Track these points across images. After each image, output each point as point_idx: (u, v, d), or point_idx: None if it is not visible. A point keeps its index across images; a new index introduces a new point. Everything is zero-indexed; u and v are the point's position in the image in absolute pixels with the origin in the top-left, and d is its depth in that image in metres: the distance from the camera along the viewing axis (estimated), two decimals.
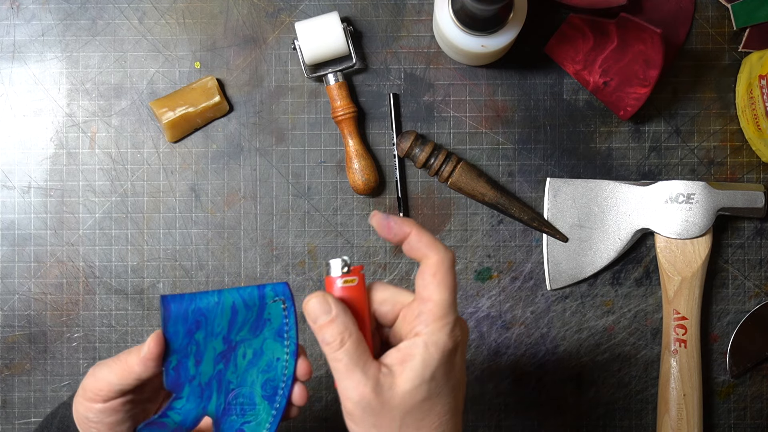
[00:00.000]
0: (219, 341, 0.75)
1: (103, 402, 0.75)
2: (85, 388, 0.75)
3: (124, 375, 0.74)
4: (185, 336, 0.75)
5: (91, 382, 0.75)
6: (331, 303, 0.69)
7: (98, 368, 0.75)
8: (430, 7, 1.03)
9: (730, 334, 1.03)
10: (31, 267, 1.03)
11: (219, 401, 0.76)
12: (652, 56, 0.96)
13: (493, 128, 1.03)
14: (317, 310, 0.69)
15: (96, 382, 0.74)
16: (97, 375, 0.75)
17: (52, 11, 1.03)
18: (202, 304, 0.75)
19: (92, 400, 0.74)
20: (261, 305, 0.75)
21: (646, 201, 1.00)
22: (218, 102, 1.01)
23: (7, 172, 1.03)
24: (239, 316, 0.75)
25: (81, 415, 0.75)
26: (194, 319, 0.75)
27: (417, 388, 0.67)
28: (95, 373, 0.75)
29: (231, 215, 1.03)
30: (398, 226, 0.70)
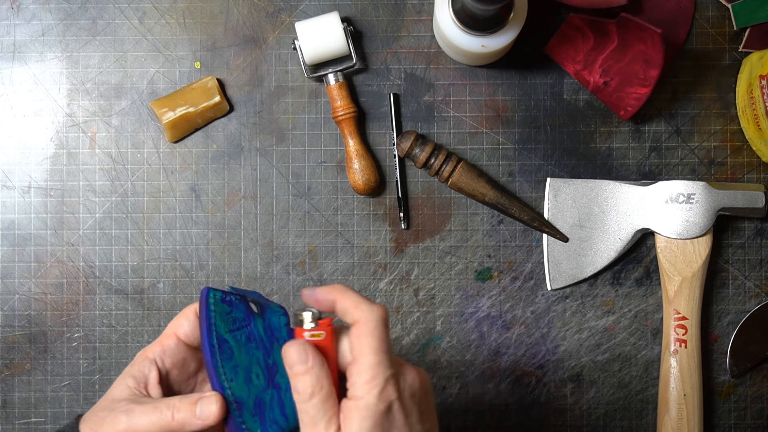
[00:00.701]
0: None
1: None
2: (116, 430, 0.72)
3: (169, 430, 0.72)
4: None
5: (125, 428, 0.72)
6: (309, 354, 0.71)
7: (135, 416, 0.73)
8: (430, 7, 1.03)
9: (730, 334, 1.03)
10: (31, 267, 1.03)
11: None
12: (653, 56, 0.96)
13: (493, 128, 1.03)
14: (294, 358, 0.71)
15: (132, 429, 0.72)
16: (134, 423, 0.72)
17: (52, 11, 1.03)
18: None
19: None
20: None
21: (646, 201, 1.00)
22: (218, 102, 1.01)
23: (7, 172, 1.03)
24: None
25: None
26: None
27: None
28: (131, 420, 0.72)
29: (231, 215, 1.03)
30: (324, 295, 0.72)
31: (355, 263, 1.03)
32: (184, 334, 0.77)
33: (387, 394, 0.70)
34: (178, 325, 0.77)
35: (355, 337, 0.71)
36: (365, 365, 0.70)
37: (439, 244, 1.03)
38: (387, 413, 0.70)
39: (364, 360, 0.70)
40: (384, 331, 0.71)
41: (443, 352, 1.03)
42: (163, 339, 0.77)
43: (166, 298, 1.03)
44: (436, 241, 1.03)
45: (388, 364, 0.70)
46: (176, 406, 0.73)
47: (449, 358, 1.03)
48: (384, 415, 0.70)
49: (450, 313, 1.03)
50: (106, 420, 0.73)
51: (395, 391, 0.70)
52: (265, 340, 0.76)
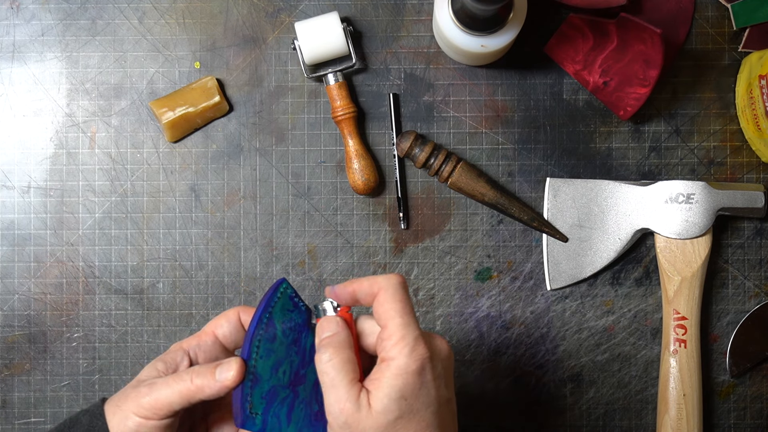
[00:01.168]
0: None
1: (159, 420, 0.74)
2: (140, 404, 0.74)
3: (189, 396, 0.73)
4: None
5: (149, 401, 0.73)
6: (338, 324, 0.74)
7: (156, 387, 0.74)
8: (430, 7, 1.03)
9: (730, 334, 1.03)
10: (31, 267, 1.03)
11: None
12: (652, 56, 0.96)
13: (493, 128, 1.03)
14: (326, 327, 0.74)
15: (155, 402, 0.73)
16: (155, 394, 0.73)
17: (52, 11, 1.03)
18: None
19: (148, 418, 0.73)
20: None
21: (646, 201, 1.00)
22: (218, 102, 1.01)
23: (7, 172, 1.03)
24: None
25: (129, 428, 0.74)
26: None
27: (387, 407, 0.70)
28: (153, 392, 0.74)
29: (231, 215, 1.03)
30: (342, 288, 0.75)
31: (355, 263, 1.03)
32: (222, 335, 0.78)
33: (419, 352, 0.71)
34: (218, 324, 0.78)
35: (379, 305, 0.72)
36: (393, 328, 0.71)
37: (438, 244, 1.03)
38: (420, 373, 0.71)
39: (392, 323, 0.71)
40: (405, 294, 0.73)
41: None
42: (202, 335, 0.78)
43: (166, 298, 1.03)
44: (435, 241, 1.03)
45: (416, 326, 0.71)
46: (196, 371, 0.74)
47: None
48: (417, 375, 0.71)
49: (450, 313, 1.03)
50: (130, 396, 0.75)
51: (426, 350, 0.71)
52: (307, 354, 0.77)
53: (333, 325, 0.74)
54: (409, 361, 0.70)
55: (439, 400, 0.72)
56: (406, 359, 0.70)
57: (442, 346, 0.73)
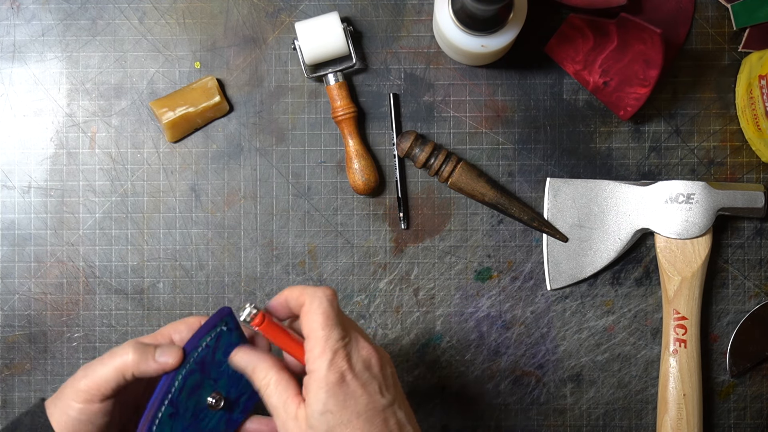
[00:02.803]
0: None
1: (99, 402, 0.75)
2: (78, 389, 0.75)
3: (124, 369, 0.75)
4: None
5: (86, 383, 0.75)
6: (250, 353, 0.78)
7: (92, 368, 0.76)
8: (430, 7, 1.03)
9: (730, 334, 1.03)
10: (31, 267, 1.03)
11: None
12: (652, 56, 0.96)
13: (493, 128, 1.03)
14: (242, 363, 0.78)
15: (92, 382, 0.75)
16: (91, 375, 0.75)
17: (52, 11, 1.03)
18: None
19: (88, 401, 0.75)
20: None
21: (646, 201, 1.00)
22: (218, 102, 1.01)
23: (7, 172, 1.03)
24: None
25: (71, 418, 0.75)
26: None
27: (317, 420, 0.73)
28: (88, 374, 0.75)
29: (231, 215, 1.03)
30: (276, 300, 0.78)
31: (355, 263, 1.03)
32: (180, 340, 0.79)
33: (337, 364, 0.73)
34: (177, 329, 0.80)
35: (304, 315, 0.75)
36: (314, 340, 0.74)
37: (438, 244, 1.03)
38: (340, 383, 0.73)
39: (313, 335, 0.74)
40: (329, 307, 0.75)
41: (443, 352, 1.03)
42: (158, 335, 0.79)
43: (166, 298, 1.03)
44: (435, 241, 1.03)
45: (336, 338, 0.74)
46: (134, 346, 0.76)
47: (449, 358, 1.03)
48: (337, 385, 0.73)
49: (450, 313, 1.03)
50: (67, 386, 0.76)
51: (345, 362, 0.73)
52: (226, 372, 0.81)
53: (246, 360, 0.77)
54: (329, 373, 0.73)
55: (372, 406, 0.74)
56: (325, 371, 0.73)
57: (367, 354, 0.75)
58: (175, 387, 0.78)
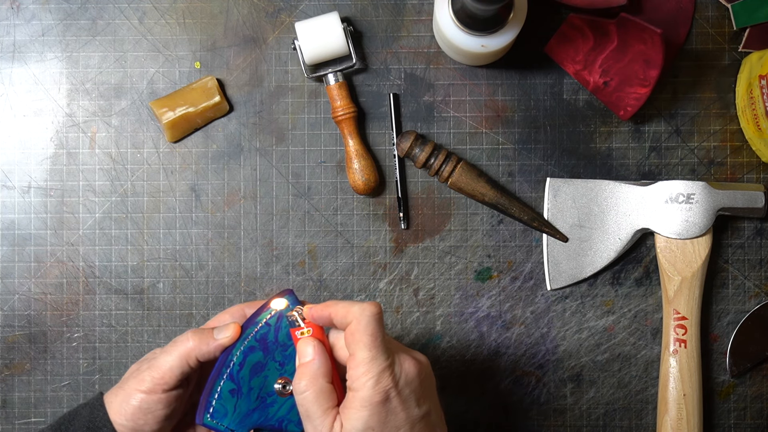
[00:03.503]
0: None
1: (162, 392, 0.77)
2: (141, 379, 0.77)
3: (187, 356, 0.78)
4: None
5: (150, 373, 0.77)
6: (314, 348, 0.77)
7: (156, 359, 0.78)
8: (430, 7, 1.03)
9: (730, 334, 1.03)
10: (31, 267, 1.03)
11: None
12: (652, 56, 0.96)
13: (493, 128, 1.03)
14: (302, 352, 0.78)
15: (156, 371, 0.77)
16: (156, 364, 0.78)
17: (52, 11, 1.03)
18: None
19: (151, 391, 0.77)
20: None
21: (646, 201, 1.00)
22: (218, 102, 1.01)
23: (7, 172, 1.03)
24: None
25: (132, 407, 0.77)
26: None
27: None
28: (153, 365, 0.78)
29: (231, 215, 1.03)
30: (318, 312, 0.78)
31: (355, 263, 1.03)
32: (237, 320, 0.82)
33: (382, 385, 0.74)
34: (232, 312, 0.83)
35: (350, 334, 0.75)
36: (359, 359, 0.74)
37: (438, 244, 1.03)
38: (384, 403, 0.74)
39: (359, 355, 0.74)
40: (376, 326, 0.75)
41: (443, 352, 1.03)
42: (214, 321, 0.83)
43: (166, 298, 1.03)
44: (435, 241, 1.03)
45: (382, 358, 0.74)
46: (193, 332, 0.78)
47: (449, 358, 1.03)
48: (381, 405, 0.73)
49: (450, 313, 1.03)
50: (131, 377, 0.79)
51: (391, 381, 0.74)
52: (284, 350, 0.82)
53: (309, 350, 0.77)
54: (373, 393, 0.73)
55: (410, 420, 0.75)
56: (370, 392, 0.73)
57: (409, 369, 0.76)
58: (234, 361, 0.79)
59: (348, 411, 0.74)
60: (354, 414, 0.73)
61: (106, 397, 0.79)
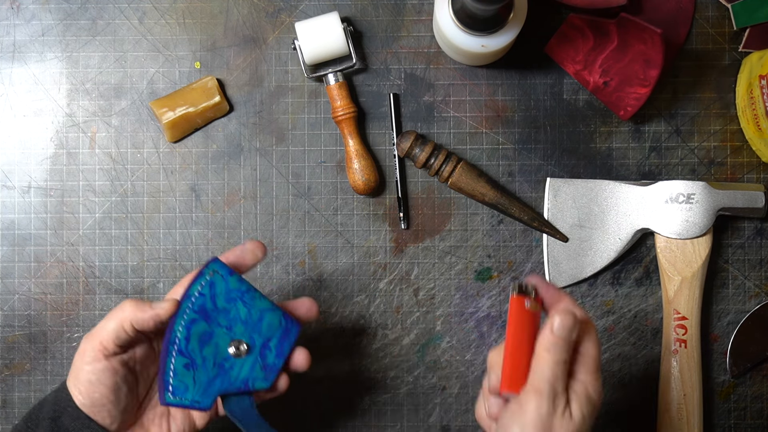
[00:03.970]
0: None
1: (105, 358, 0.79)
2: (83, 351, 0.80)
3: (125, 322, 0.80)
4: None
5: (89, 341, 0.80)
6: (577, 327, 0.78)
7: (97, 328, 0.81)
8: (430, 7, 1.03)
9: (730, 334, 1.03)
10: (31, 267, 1.03)
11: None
12: (652, 56, 0.96)
13: (493, 128, 1.03)
14: (566, 323, 0.77)
15: (94, 338, 0.80)
16: (97, 332, 0.80)
17: (52, 11, 1.03)
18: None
19: (94, 360, 0.79)
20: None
21: (646, 201, 1.00)
22: (218, 102, 1.01)
23: (7, 172, 1.03)
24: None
25: (84, 381, 0.80)
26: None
27: (582, 423, 0.77)
28: (91, 333, 0.80)
29: (231, 215, 1.03)
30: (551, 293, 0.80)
31: (355, 263, 1.03)
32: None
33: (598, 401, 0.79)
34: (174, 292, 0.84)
35: (585, 333, 0.78)
36: (596, 359, 0.78)
37: (439, 244, 1.03)
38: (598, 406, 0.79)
39: (594, 353, 0.78)
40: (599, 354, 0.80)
41: (443, 352, 1.03)
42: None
43: None
44: (436, 241, 1.03)
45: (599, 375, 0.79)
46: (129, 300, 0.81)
47: (449, 358, 1.03)
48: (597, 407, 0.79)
49: (450, 313, 1.03)
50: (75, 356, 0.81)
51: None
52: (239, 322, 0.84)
53: (571, 327, 0.77)
54: (602, 391, 0.78)
55: None
56: (600, 389, 0.78)
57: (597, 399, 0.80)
58: (179, 336, 0.80)
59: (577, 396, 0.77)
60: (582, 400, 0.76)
61: (68, 383, 0.82)
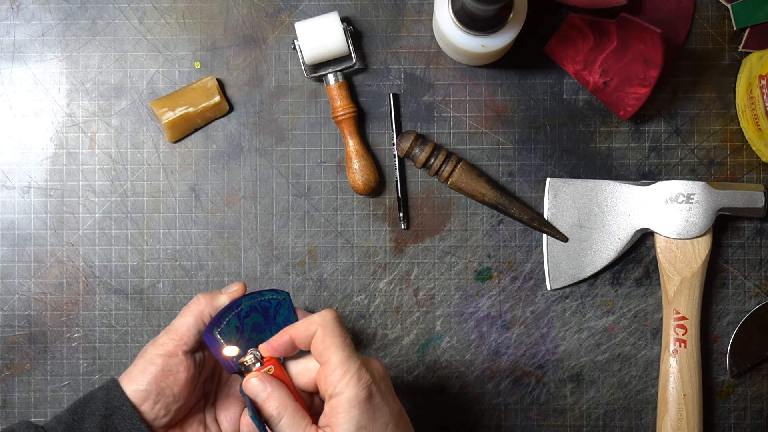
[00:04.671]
0: None
1: (183, 353, 0.79)
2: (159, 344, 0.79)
3: (201, 313, 0.80)
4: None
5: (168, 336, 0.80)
6: (266, 381, 0.77)
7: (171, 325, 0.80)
8: (430, 7, 1.03)
9: (730, 334, 1.03)
10: (31, 267, 1.03)
11: None
12: (652, 56, 0.96)
13: (493, 128, 1.03)
14: (255, 389, 0.77)
15: (173, 333, 0.79)
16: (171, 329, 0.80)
17: (52, 11, 1.03)
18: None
19: (173, 354, 0.79)
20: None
21: (646, 201, 1.00)
22: (218, 102, 1.01)
23: (7, 172, 1.03)
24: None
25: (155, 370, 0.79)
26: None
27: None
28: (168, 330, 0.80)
29: (231, 215, 1.03)
30: (277, 341, 0.78)
31: (355, 263, 1.03)
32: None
33: (364, 380, 0.74)
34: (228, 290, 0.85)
35: (319, 342, 0.76)
36: (336, 362, 0.74)
37: (438, 244, 1.03)
38: (370, 399, 0.74)
39: (334, 358, 0.75)
40: (341, 328, 0.76)
41: (443, 352, 1.03)
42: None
43: (166, 298, 1.03)
44: (435, 241, 1.03)
45: (355, 357, 0.75)
46: (204, 294, 0.82)
47: (449, 358, 1.03)
48: (367, 401, 0.74)
49: (450, 313, 1.03)
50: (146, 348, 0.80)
51: (369, 377, 0.75)
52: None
53: (261, 385, 0.77)
54: (358, 390, 0.74)
55: (393, 415, 0.76)
56: (355, 390, 0.74)
57: (377, 366, 0.77)
58: (242, 308, 0.81)
59: (335, 418, 0.74)
60: (343, 417, 0.74)
61: (121, 379, 0.80)
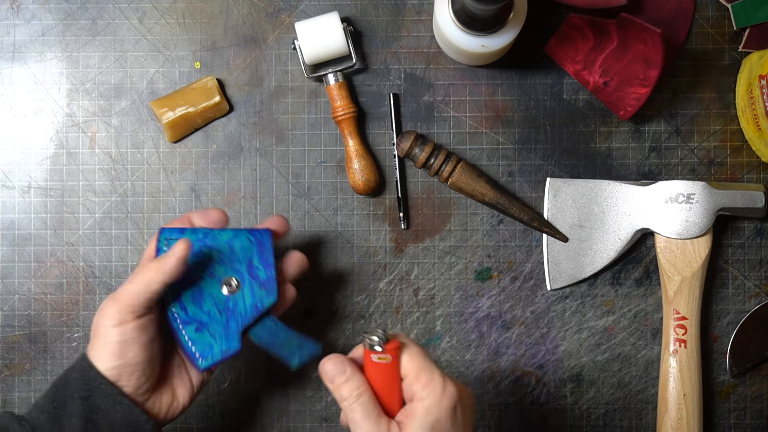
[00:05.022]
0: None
1: (136, 317, 0.80)
2: (112, 314, 0.80)
3: (151, 280, 0.81)
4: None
5: (120, 303, 0.80)
6: (345, 365, 0.77)
7: (121, 289, 0.81)
8: (430, 7, 1.03)
9: (730, 334, 1.03)
10: (31, 267, 1.03)
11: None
12: (652, 56, 0.96)
13: (493, 128, 1.03)
14: (333, 372, 0.77)
15: (124, 300, 0.80)
16: (124, 294, 0.80)
17: (52, 11, 1.03)
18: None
19: (124, 322, 0.79)
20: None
21: (646, 201, 1.00)
22: (218, 102, 1.01)
23: (7, 172, 1.03)
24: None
25: (113, 342, 0.79)
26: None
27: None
28: (120, 295, 0.80)
29: (231, 215, 1.03)
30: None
31: (355, 263, 1.03)
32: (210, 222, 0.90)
33: (449, 390, 0.75)
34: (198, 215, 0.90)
35: (409, 359, 0.77)
36: (422, 371, 0.75)
37: (438, 244, 1.03)
38: (452, 410, 0.75)
39: (421, 368, 0.76)
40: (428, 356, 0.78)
41: (443, 352, 1.03)
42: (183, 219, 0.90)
43: None
44: (435, 241, 1.03)
45: (441, 373, 0.76)
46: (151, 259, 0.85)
47: (449, 358, 1.03)
48: (449, 411, 0.75)
49: (450, 313, 1.03)
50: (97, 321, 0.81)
51: (456, 392, 0.76)
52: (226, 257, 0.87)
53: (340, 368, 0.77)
54: (442, 397, 0.74)
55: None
56: (438, 396, 0.74)
57: (467, 393, 0.78)
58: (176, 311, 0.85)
59: (413, 415, 0.75)
60: (421, 416, 0.74)
61: (90, 352, 0.81)
